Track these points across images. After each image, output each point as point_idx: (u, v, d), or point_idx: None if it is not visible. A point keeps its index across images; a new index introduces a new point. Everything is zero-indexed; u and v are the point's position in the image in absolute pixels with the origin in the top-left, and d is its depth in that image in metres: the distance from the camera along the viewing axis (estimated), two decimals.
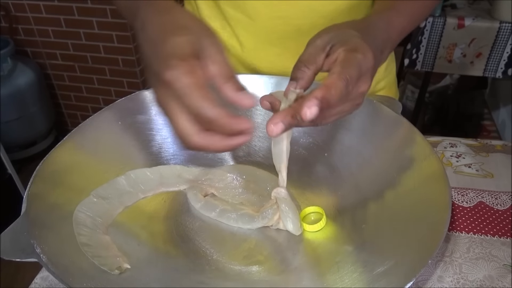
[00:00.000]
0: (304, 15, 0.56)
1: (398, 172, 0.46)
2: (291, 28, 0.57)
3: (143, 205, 0.49)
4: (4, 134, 1.66)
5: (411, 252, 0.37)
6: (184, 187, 0.51)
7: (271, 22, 0.57)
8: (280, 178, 0.44)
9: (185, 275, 0.42)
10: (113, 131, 0.52)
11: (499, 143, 0.65)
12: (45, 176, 0.44)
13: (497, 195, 0.55)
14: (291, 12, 0.56)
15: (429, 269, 0.46)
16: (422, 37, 1.51)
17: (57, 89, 1.97)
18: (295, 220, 0.45)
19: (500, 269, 0.46)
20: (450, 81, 2.03)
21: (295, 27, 0.57)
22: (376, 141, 0.50)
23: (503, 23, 1.43)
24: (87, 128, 0.50)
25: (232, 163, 0.56)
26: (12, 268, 1.45)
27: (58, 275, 0.35)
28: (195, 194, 0.50)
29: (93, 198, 0.46)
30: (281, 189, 0.44)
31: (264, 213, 0.45)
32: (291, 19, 0.57)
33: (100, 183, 0.48)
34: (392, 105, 0.51)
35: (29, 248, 0.36)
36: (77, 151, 0.48)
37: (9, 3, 1.75)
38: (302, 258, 0.44)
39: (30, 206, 0.40)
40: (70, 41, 1.80)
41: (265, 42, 0.60)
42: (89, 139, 0.50)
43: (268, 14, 0.57)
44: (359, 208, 0.46)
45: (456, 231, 0.51)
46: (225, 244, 0.45)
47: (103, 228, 0.44)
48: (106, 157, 0.50)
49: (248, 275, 0.42)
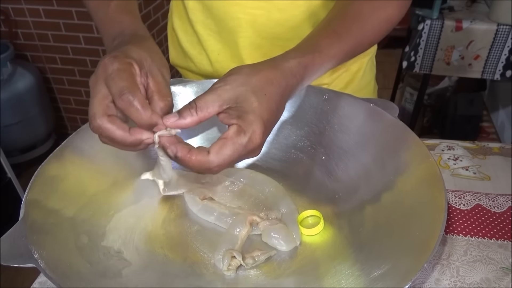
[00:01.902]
0: (260, 5, 0.58)
1: (394, 175, 0.46)
2: (248, 18, 0.59)
3: (140, 209, 0.49)
4: (4, 138, 1.66)
5: (407, 255, 0.38)
6: (182, 191, 0.51)
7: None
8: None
9: (182, 279, 0.42)
10: None
11: (496, 146, 0.65)
12: (43, 181, 0.44)
13: (494, 198, 0.56)
14: (247, 1, 0.58)
15: (426, 272, 0.47)
16: (420, 39, 1.51)
17: (57, 93, 1.97)
18: (286, 238, 0.45)
19: (497, 272, 0.46)
20: (449, 83, 2.04)
21: (251, 16, 0.59)
22: (373, 145, 0.50)
23: (501, 25, 1.43)
24: (85, 133, 0.50)
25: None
26: (12, 272, 1.45)
27: (55, 280, 0.35)
28: (193, 198, 0.50)
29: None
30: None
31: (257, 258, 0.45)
32: (247, 8, 0.58)
33: (98, 188, 0.48)
34: (388, 109, 0.51)
35: (27, 254, 0.36)
36: (75, 156, 0.48)
37: (9, 7, 1.76)
38: (300, 262, 0.44)
39: (28, 211, 0.40)
40: (69, 45, 1.80)
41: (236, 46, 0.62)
42: (87, 144, 0.50)
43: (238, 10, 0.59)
44: (356, 212, 0.47)
45: (453, 233, 0.51)
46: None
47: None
48: (104, 162, 0.50)
49: (245, 279, 0.42)
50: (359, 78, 0.68)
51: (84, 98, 1.95)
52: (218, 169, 0.37)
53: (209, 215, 0.48)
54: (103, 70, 0.37)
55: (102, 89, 0.37)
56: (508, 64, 1.49)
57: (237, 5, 0.58)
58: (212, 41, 0.64)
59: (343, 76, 0.67)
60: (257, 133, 0.37)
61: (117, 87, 0.36)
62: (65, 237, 0.41)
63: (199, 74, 0.69)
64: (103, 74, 0.37)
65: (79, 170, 0.48)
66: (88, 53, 1.80)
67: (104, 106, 0.37)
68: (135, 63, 0.38)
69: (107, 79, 0.37)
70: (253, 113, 0.37)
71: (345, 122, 0.52)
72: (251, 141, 0.37)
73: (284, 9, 0.58)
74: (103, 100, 0.37)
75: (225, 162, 0.37)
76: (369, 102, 0.52)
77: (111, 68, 0.37)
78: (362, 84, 0.69)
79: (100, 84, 0.37)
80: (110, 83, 0.37)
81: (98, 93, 0.37)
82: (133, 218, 0.48)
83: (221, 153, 0.36)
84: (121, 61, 0.38)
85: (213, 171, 0.37)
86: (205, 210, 0.49)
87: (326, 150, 0.53)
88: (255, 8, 0.58)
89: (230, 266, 0.42)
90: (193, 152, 0.36)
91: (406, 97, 2.07)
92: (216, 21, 0.62)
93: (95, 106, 0.37)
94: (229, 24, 0.60)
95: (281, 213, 0.48)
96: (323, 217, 0.47)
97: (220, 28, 0.62)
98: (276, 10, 0.58)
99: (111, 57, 0.38)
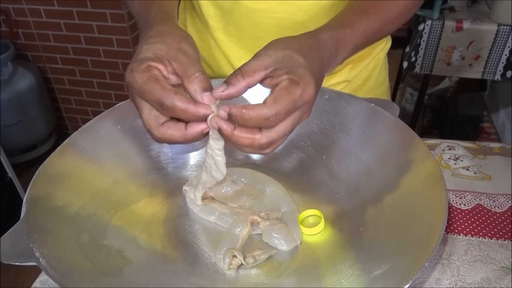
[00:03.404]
0: (285, 9, 0.57)
1: (395, 175, 0.46)
2: (272, 22, 0.58)
3: (141, 208, 0.49)
4: (4, 138, 1.66)
5: (407, 254, 0.38)
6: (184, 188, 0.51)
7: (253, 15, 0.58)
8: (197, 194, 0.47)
9: (183, 278, 0.42)
10: (112, 135, 0.52)
11: (497, 146, 0.65)
12: (44, 180, 0.44)
13: (495, 198, 0.56)
14: (271, 5, 0.57)
15: (427, 271, 0.47)
16: (420, 40, 1.51)
17: (58, 93, 1.97)
18: (287, 237, 0.45)
19: (498, 271, 0.46)
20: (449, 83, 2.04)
21: (275, 20, 0.58)
22: (373, 144, 0.50)
23: (501, 26, 1.43)
24: (86, 132, 0.50)
25: (230, 166, 0.56)
26: (13, 271, 1.45)
27: (56, 279, 0.35)
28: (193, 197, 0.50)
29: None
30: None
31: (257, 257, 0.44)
32: (272, 12, 0.57)
33: (99, 187, 0.48)
34: (389, 108, 0.51)
35: (28, 252, 0.36)
36: (76, 155, 0.49)
37: (10, 7, 1.76)
38: (301, 261, 0.44)
39: (29, 210, 0.40)
40: (70, 45, 1.80)
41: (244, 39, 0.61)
42: (88, 143, 0.50)
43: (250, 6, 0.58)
44: (357, 211, 0.47)
45: (454, 233, 0.51)
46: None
47: None
48: (105, 161, 0.50)
49: (246, 278, 0.42)
50: (376, 75, 0.68)
51: (85, 98, 1.95)
52: (275, 121, 0.35)
53: (210, 214, 0.49)
54: (131, 87, 0.38)
55: (142, 104, 0.38)
56: (508, 64, 1.49)
57: (261, 10, 0.57)
58: (234, 47, 0.63)
59: (362, 73, 0.67)
60: (310, 85, 0.36)
61: (153, 100, 0.36)
62: (66, 235, 0.41)
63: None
64: (134, 92, 0.38)
65: (80, 169, 0.48)
66: (89, 53, 1.80)
67: (153, 118, 0.38)
68: (153, 62, 0.38)
69: (140, 95, 0.37)
70: (303, 67, 0.37)
71: (346, 122, 0.53)
72: (306, 91, 0.35)
73: (308, 10, 0.57)
74: (150, 113, 0.38)
75: (282, 112, 0.35)
76: (370, 102, 0.52)
77: (136, 84, 0.37)
78: (379, 80, 0.70)
79: (138, 99, 0.38)
80: (145, 98, 0.37)
81: (142, 109, 0.38)
82: (134, 217, 0.48)
83: (278, 102, 0.34)
84: (140, 73, 0.37)
85: (271, 123, 0.35)
86: (206, 210, 0.49)
87: (327, 150, 0.53)
88: (279, 12, 0.57)
89: (231, 265, 0.42)
90: (248, 106, 0.35)
91: (406, 97, 2.07)
92: (238, 27, 0.60)
93: (146, 122, 0.38)
94: (252, 29, 0.59)
95: (281, 212, 0.48)
96: (323, 217, 0.47)
97: (242, 34, 0.61)
98: (301, 12, 0.57)
99: (130, 72, 0.38)
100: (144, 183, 0.52)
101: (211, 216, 0.48)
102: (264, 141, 0.36)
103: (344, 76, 0.65)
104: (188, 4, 0.67)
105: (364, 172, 0.49)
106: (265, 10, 0.57)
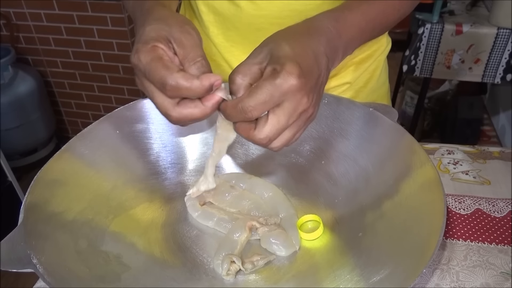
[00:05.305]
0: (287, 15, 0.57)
1: (394, 180, 0.46)
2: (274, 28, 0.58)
3: (140, 213, 0.49)
4: (4, 141, 1.66)
5: (406, 260, 0.37)
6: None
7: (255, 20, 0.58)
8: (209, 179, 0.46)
9: (182, 284, 0.42)
10: (111, 140, 0.52)
11: (496, 150, 0.65)
12: (42, 185, 0.44)
13: (494, 202, 0.56)
14: (273, 11, 0.57)
15: (426, 277, 0.46)
16: (420, 43, 1.51)
17: (58, 97, 1.98)
18: (285, 243, 0.45)
19: (498, 277, 0.46)
20: (449, 86, 2.04)
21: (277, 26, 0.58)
22: (372, 149, 0.50)
23: (501, 29, 1.44)
24: (85, 137, 0.50)
25: (229, 171, 0.56)
26: (12, 277, 1.44)
27: (54, 286, 0.35)
28: (192, 203, 0.50)
29: None
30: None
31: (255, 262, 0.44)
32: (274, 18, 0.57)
33: (98, 192, 0.48)
34: (388, 113, 0.51)
35: (25, 259, 0.36)
36: (75, 160, 0.48)
37: (10, 11, 1.76)
38: (299, 267, 0.44)
39: (27, 216, 0.40)
40: (70, 49, 1.81)
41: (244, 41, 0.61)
42: (87, 148, 0.50)
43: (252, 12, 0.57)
44: (356, 216, 0.46)
45: (453, 238, 0.51)
46: None
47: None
48: (104, 166, 0.50)
49: (245, 284, 0.42)
50: (377, 77, 0.69)
51: (85, 101, 1.96)
52: (256, 113, 0.35)
53: (209, 220, 0.48)
54: (137, 69, 0.37)
55: (151, 87, 0.37)
56: (508, 67, 1.49)
57: (263, 17, 0.57)
58: (235, 52, 0.63)
59: (364, 75, 0.67)
60: (291, 75, 0.35)
61: (157, 81, 0.36)
62: (64, 241, 0.41)
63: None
64: (140, 74, 0.37)
65: (78, 174, 0.48)
66: (89, 56, 1.80)
67: (167, 99, 0.36)
68: (158, 42, 0.37)
69: (146, 77, 0.37)
70: (285, 56, 0.36)
71: (345, 127, 0.53)
72: (285, 80, 0.35)
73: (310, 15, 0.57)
74: (160, 95, 0.37)
75: (259, 103, 0.35)
76: (369, 106, 0.52)
77: (141, 65, 0.36)
78: (380, 82, 0.70)
79: (146, 82, 0.37)
80: (150, 79, 0.36)
81: (153, 92, 0.37)
82: (132, 222, 0.48)
83: (252, 95, 0.35)
84: (145, 53, 0.36)
85: (252, 115, 0.35)
86: (204, 215, 0.49)
87: (325, 155, 0.53)
88: (281, 18, 0.57)
89: (229, 270, 0.42)
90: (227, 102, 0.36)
91: (406, 100, 2.07)
92: (239, 33, 0.60)
93: (161, 104, 0.37)
94: (254, 35, 0.59)
95: (280, 218, 0.48)
96: (322, 222, 0.47)
97: (243, 40, 0.61)
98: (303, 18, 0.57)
99: (135, 53, 0.37)
100: (142, 188, 0.52)
101: (209, 221, 0.48)
102: (260, 136, 0.36)
103: (346, 78, 0.65)
104: (188, 11, 0.67)
105: (363, 177, 0.49)
106: (266, 16, 0.57)
